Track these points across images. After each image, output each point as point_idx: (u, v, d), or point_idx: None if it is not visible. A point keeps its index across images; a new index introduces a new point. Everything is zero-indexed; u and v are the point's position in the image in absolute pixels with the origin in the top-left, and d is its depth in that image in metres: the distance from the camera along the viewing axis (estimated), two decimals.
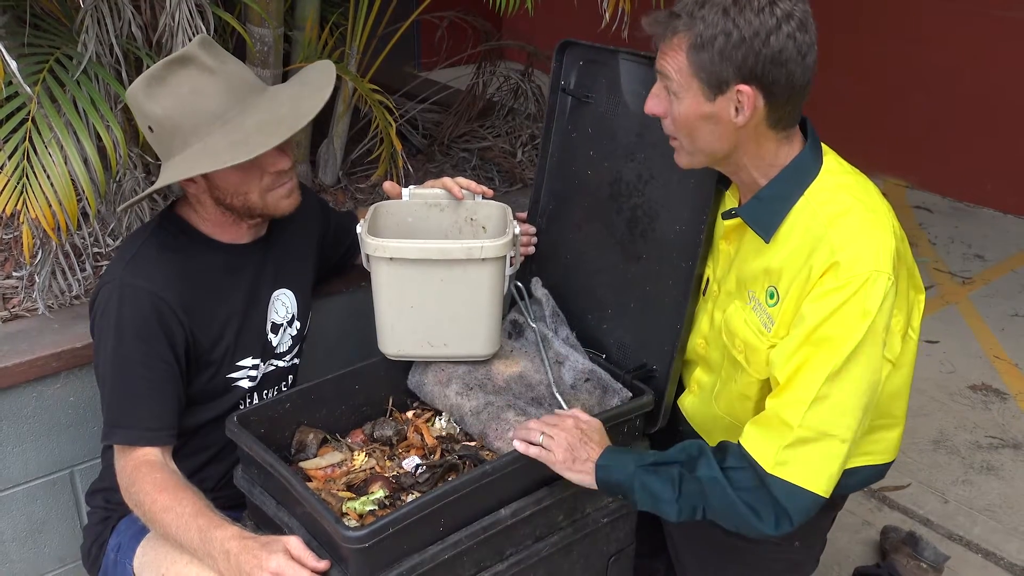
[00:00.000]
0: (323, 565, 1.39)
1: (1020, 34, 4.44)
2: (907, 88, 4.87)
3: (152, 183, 2.28)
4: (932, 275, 4.08)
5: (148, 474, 1.56)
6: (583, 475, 1.53)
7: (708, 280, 1.67)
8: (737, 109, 1.40)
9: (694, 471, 1.47)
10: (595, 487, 1.53)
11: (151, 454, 1.59)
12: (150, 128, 1.59)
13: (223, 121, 1.56)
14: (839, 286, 1.38)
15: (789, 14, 1.35)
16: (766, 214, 1.49)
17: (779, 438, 1.42)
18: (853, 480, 1.64)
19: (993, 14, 4.51)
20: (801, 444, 1.41)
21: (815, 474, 1.42)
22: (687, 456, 1.50)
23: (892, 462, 1.69)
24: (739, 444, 1.47)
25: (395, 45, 2.81)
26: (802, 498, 1.42)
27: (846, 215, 1.43)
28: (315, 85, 1.64)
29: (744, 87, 1.37)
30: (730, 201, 1.61)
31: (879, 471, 1.68)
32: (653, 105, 1.49)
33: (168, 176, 1.59)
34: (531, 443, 1.54)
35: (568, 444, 1.53)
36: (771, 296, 1.50)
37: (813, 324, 1.40)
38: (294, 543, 1.40)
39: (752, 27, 1.35)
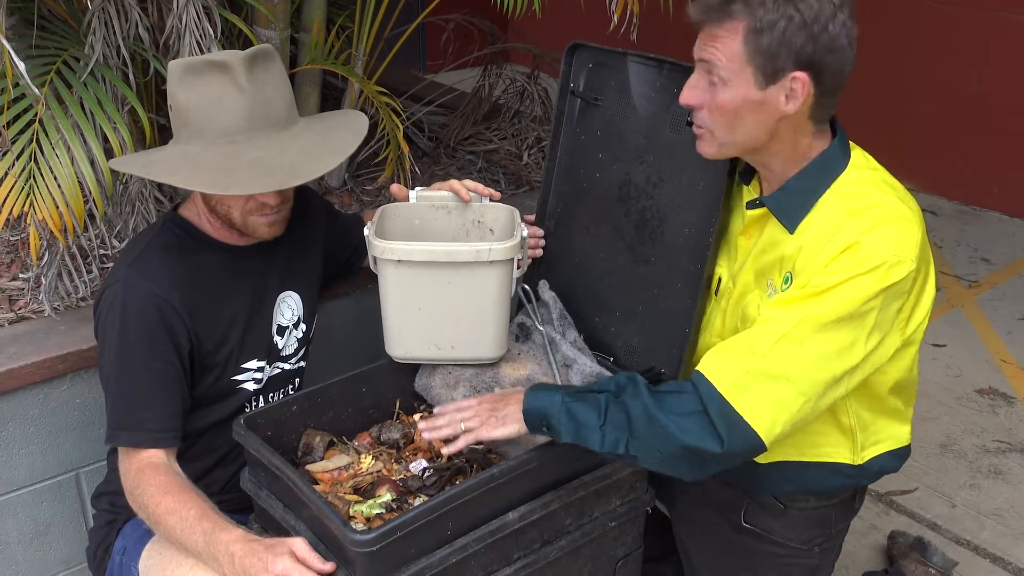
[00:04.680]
0: (329, 567, 1.38)
1: None
2: (912, 91, 4.87)
3: (158, 187, 2.29)
4: (938, 278, 4.04)
5: (152, 476, 1.55)
6: (512, 424, 1.52)
7: (720, 279, 1.67)
8: (787, 97, 1.40)
9: (621, 397, 1.46)
10: (525, 429, 1.51)
11: (155, 456, 1.59)
12: (171, 106, 1.59)
13: (228, 140, 1.55)
14: (857, 263, 1.38)
15: (844, 1, 1.36)
16: (792, 205, 1.49)
17: (741, 362, 1.40)
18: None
19: (999, 17, 4.51)
20: (761, 376, 1.39)
21: (763, 413, 1.39)
22: (616, 385, 1.49)
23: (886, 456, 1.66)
24: (694, 375, 1.44)
25: (400, 48, 2.81)
26: (742, 432, 1.39)
27: (871, 208, 1.42)
28: (331, 145, 1.62)
29: (800, 74, 1.38)
30: (749, 193, 1.61)
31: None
32: (690, 96, 1.46)
33: (156, 170, 1.58)
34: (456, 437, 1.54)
35: (485, 411, 1.54)
36: (786, 281, 1.49)
37: (818, 287, 1.39)
38: (299, 545, 1.39)
39: (813, 11, 1.35)
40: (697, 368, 1.45)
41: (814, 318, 1.38)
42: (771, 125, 1.43)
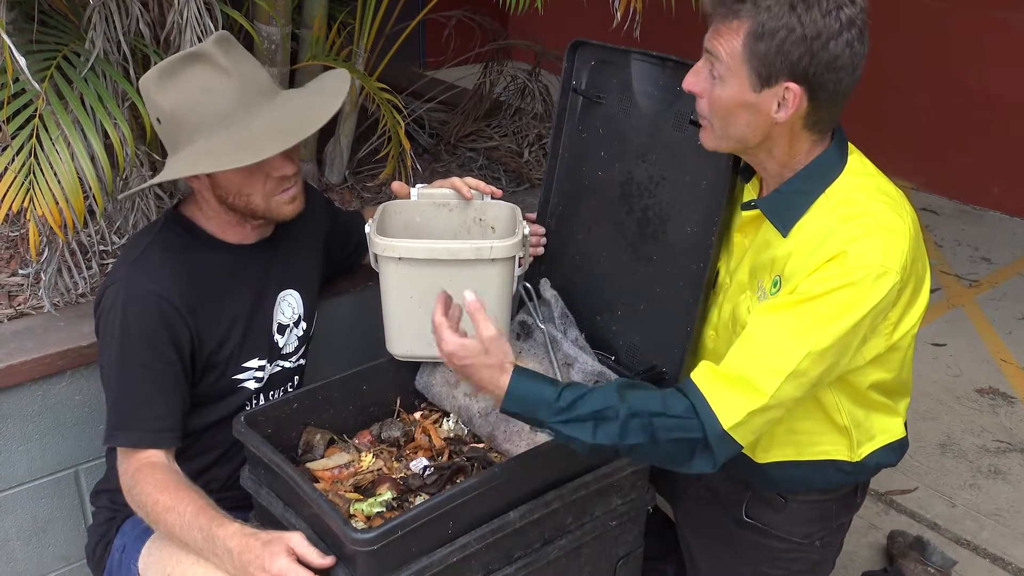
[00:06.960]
0: (328, 561, 1.38)
1: None
2: (912, 90, 4.86)
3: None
4: (938, 278, 4.07)
5: (150, 475, 1.55)
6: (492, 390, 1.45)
7: (719, 272, 1.67)
8: (779, 104, 1.40)
9: (617, 420, 1.42)
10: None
11: (154, 455, 1.59)
12: (158, 120, 1.58)
13: (229, 122, 1.54)
14: (843, 272, 1.38)
15: (852, 21, 1.36)
16: (785, 208, 1.49)
17: (749, 403, 1.41)
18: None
19: (999, 15, 4.50)
20: (763, 412, 1.41)
21: (751, 434, 1.43)
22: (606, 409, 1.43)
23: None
24: (694, 395, 1.42)
25: (401, 44, 2.80)
26: (731, 449, 1.42)
27: (861, 216, 1.43)
28: (328, 93, 1.63)
29: (793, 85, 1.37)
30: (748, 193, 1.61)
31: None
32: (692, 83, 1.47)
33: (170, 172, 1.58)
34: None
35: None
36: (775, 284, 1.50)
37: (805, 294, 1.40)
38: (297, 540, 1.38)
39: (816, 27, 1.34)
40: (703, 392, 1.42)
41: (810, 345, 1.39)
42: (764, 128, 1.44)
